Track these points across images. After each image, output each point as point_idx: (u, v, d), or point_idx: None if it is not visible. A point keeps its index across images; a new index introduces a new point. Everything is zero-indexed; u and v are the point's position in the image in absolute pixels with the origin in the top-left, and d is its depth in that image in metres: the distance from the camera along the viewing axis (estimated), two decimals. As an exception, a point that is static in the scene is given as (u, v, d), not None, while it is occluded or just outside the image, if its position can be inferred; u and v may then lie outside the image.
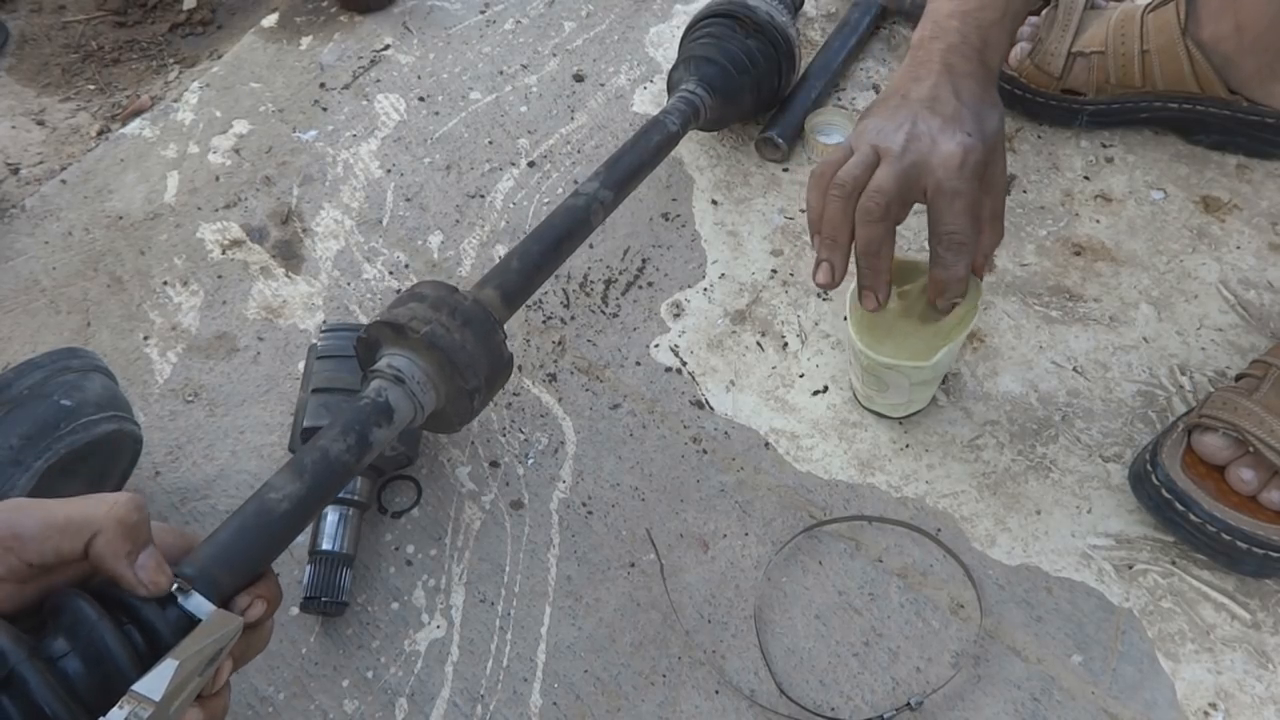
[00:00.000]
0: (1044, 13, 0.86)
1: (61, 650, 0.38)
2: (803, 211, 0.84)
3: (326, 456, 0.49)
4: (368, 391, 0.52)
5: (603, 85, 0.95)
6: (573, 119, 0.92)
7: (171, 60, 1.07)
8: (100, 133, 0.99)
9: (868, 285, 0.62)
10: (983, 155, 0.58)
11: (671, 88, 0.83)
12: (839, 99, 0.92)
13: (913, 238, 0.81)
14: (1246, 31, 0.76)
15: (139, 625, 0.40)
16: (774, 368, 0.75)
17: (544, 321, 0.78)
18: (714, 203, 0.85)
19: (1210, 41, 0.78)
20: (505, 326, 0.59)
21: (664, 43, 0.99)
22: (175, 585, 0.42)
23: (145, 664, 0.39)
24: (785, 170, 0.87)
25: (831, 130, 0.88)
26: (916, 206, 0.60)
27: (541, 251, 0.65)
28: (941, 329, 0.63)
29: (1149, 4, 0.82)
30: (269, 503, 0.47)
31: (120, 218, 0.86)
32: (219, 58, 1.03)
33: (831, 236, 0.60)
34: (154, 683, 0.37)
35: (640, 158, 0.73)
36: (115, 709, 0.36)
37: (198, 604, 0.42)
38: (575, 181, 0.87)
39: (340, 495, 0.64)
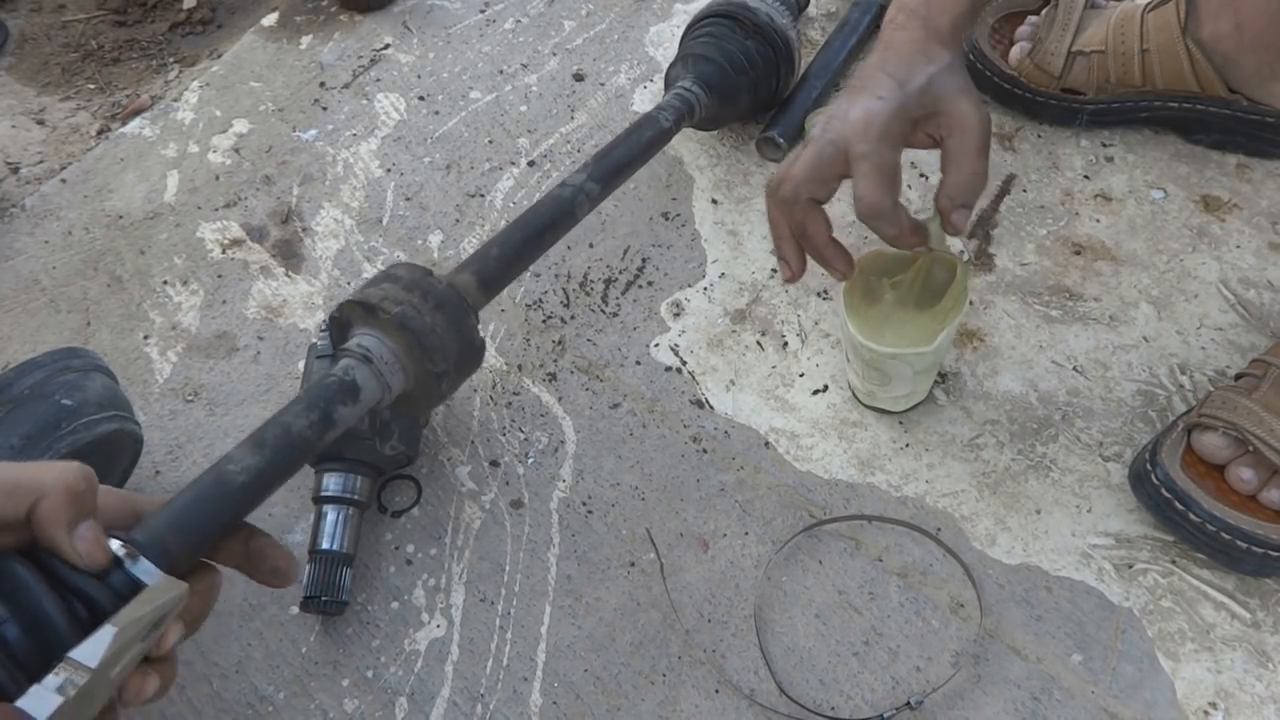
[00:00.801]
0: (1044, 12, 0.86)
1: (1, 617, 0.38)
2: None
3: (288, 432, 0.49)
4: (335, 370, 0.52)
5: (603, 84, 0.95)
6: (573, 118, 0.92)
7: (171, 60, 1.08)
8: (100, 132, 0.99)
9: (822, 265, 0.63)
10: (894, 111, 0.57)
11: (668, 85, 0.83)
12: (838, 98, 0.92)
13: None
14: (1246, 30, 0.76)
15: (78, 592, 0.40)
16: (774, 367, 0.75)
17: (544, 321, 0.78)
18: (714, 202, 0.85)
19: (1210, 40, 0.78)
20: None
21: (664, 42, 0.99)
22: (124, 551, 0.42)
23: (86, 630, 0.39)
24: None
25: None
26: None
27: (524, 239, 0.64)
28: (937, 314, 0.63)
29: (1149, 3, 0.82)
30: (226, 474, 0.47)
31: (120, 217, 0.86)
32: (219, 57, 1.03)
33: (776, 235, 0.63)
34: (91, 649, 0.37)
35: (630, 152, 0.73)
36: (50, 675, 0.36)
37: (145, 569, 0.42)
38: (575, 181, 0.87)
39: (340, 495, 0.64)
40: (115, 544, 0.43)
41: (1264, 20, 0.75)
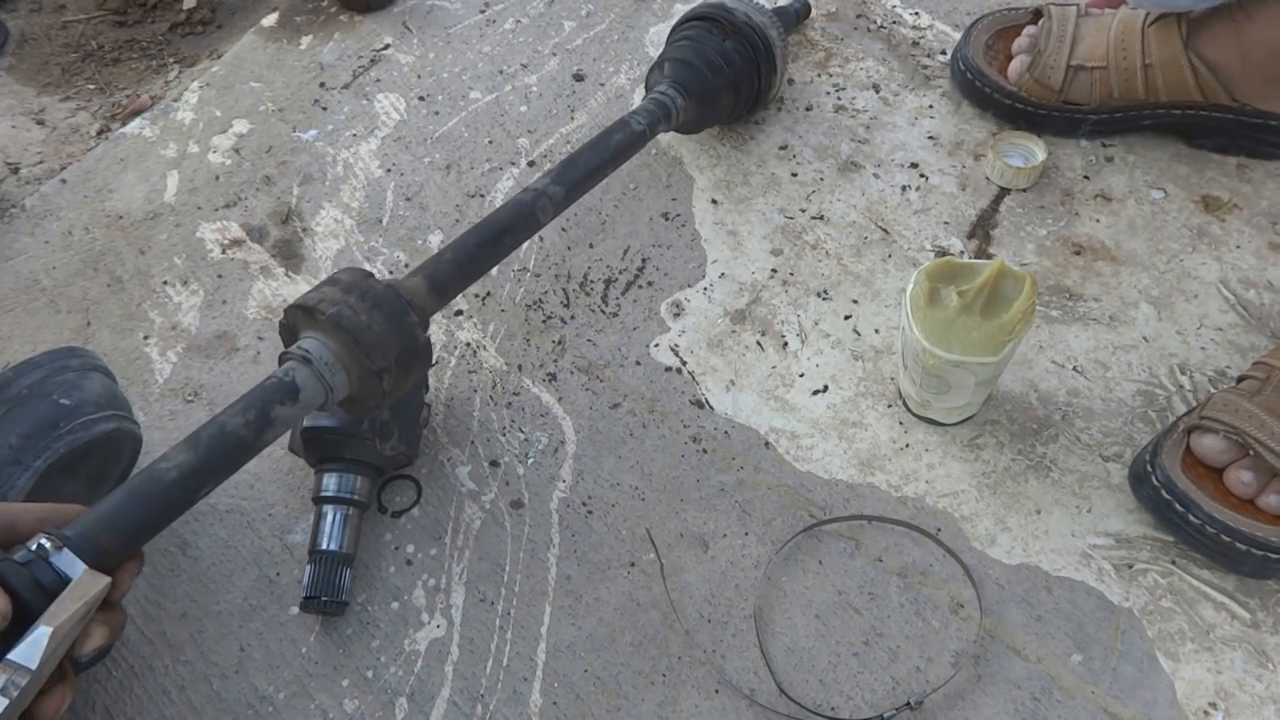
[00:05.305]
0: (1039, 24, 0.86)
1: None
2: (802, 211, 0.84)
3: (223, 431, 0.50)
4: (276, 371, 0.53)
5: (603, 85, 0.95)
6: (573, 118, 0.92)
7: (171, 60, 1.08)
8: (100, 132, 0.99)
9: None
10: None
11: (647, 89, 0.83)
12: (839, 99, 0.92)
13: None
14: (1250, 57, 0.76)
15: (6, 589, 0.41)
16: (774, 367, 0.75)
17: (544, 321, 0.78)
18: (714, 202, 0.85)
19: (1214, 60, 0.78)
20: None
21: (663, 42, 0.98)
22: (49, 543, 0.43)
23: (19, 628, 0.40)
24: (794, 175, 0.87)
25: (1014, 153, 0.85)
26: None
27: (478, 244, 0.65)
28: (1004, 325, 0.61)
29: (1149, 17, 0.82)
30: (158, 472, 0.48)
31: (120, 217, 0.86)
32: (219, 57, 1.03)
33: None
34: (29, 651, 0.39)
35: (599, 157, 0.73)
36: None
37: (69, 562, 0.43)
38: (575, 181, 0.87)
39: (340, 495, 0.64)
40: (42, 538, 0.44)
41: (1265, 50, 0.75)
